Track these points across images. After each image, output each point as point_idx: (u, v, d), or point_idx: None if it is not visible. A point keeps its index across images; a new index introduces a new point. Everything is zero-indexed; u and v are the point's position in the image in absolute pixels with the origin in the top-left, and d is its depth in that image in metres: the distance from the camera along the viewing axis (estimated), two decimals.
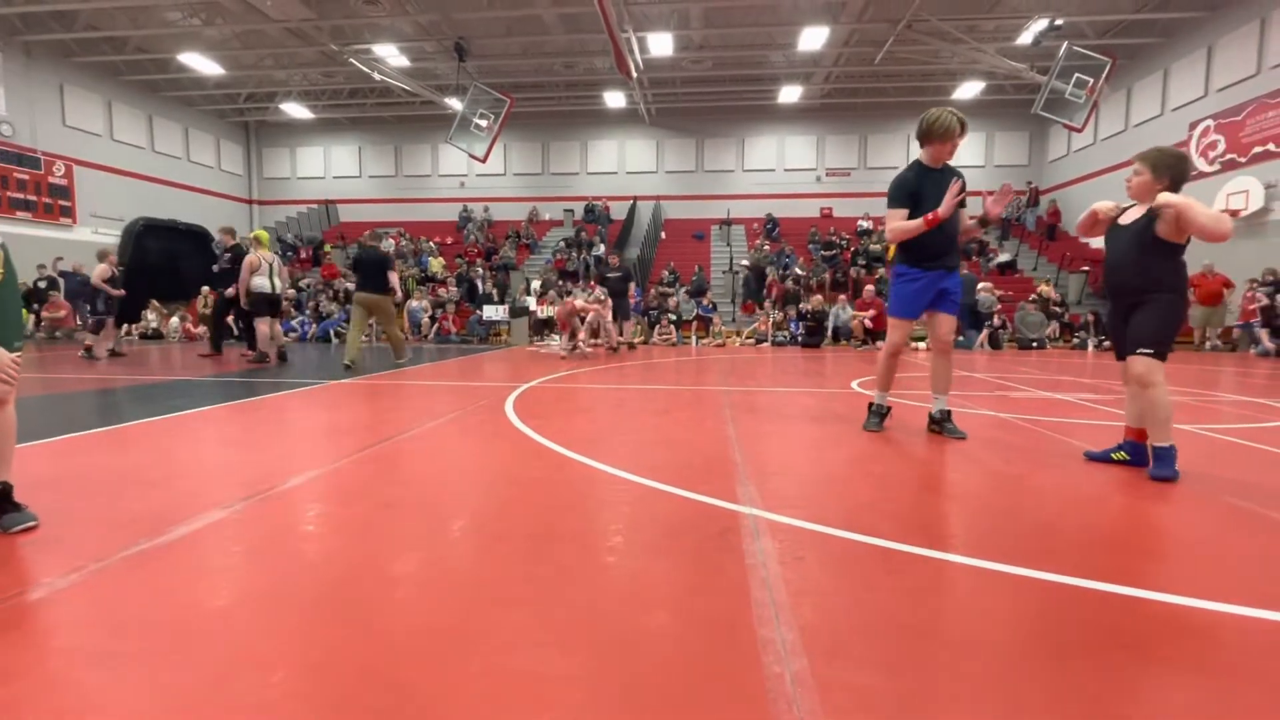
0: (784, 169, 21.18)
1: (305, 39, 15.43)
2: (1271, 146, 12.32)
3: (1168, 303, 2.79)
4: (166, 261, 9.82)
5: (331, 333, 13.90)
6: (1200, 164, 14.04)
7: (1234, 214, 12.91)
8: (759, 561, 1.79)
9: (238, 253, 8.77)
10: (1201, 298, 12.13)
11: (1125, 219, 2.95)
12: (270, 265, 8.23)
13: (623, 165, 21.87)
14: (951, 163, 3.60)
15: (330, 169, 22.97)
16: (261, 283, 8.12)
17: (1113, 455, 3.01)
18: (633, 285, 12.10)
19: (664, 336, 13.65)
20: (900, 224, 3.48)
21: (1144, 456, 2.92)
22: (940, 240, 3.50)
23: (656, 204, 21.19)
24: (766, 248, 18.40)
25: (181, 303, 14.17)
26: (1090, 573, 1.72)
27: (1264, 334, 10.85)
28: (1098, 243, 15.28)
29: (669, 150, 21.65)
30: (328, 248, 20.00)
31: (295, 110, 20.58)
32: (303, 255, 20.05)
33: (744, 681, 1.21)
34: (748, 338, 13.94)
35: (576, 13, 13.90)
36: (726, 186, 21.40)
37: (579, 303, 10.28)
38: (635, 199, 20.90)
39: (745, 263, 16.84)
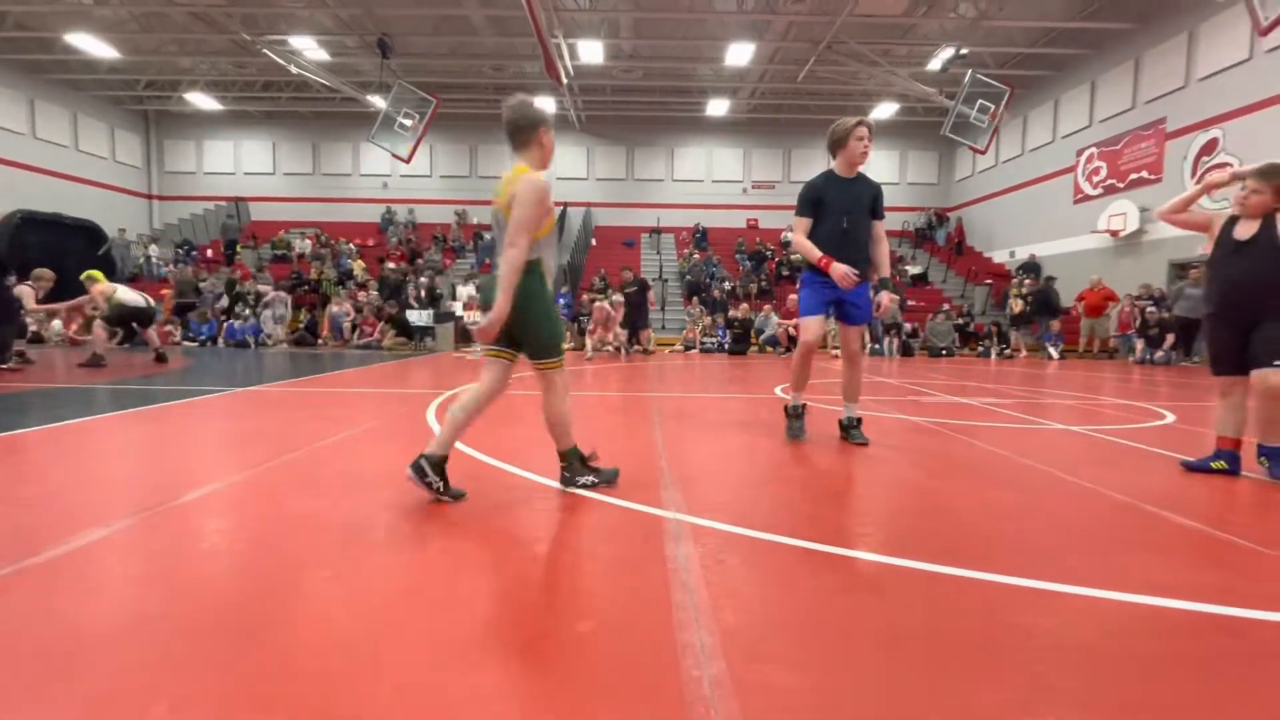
0: (712, 180, 21.63)
1: (214, 26, 14.52)
2: (1145, 174, 13.60)
3: None
4: (50, 258, 9.00)
5: (258, 338, 13.09)
6: (1086, 187, 15.34)
7: (1114, 234, 14.19)
8: (681, 566, 1.80)
9: None
10: (1088, 310, 13.22)
11: (1242, 234, 2.89)
12: (115, 289, 8.21)
13: (553, 171, 21.66)
14: (871, 177, 3.71)
15: (241, 164, 21.66)
16: (134, 298, 8.16)
17: (1211, 465, 3.02)
18: (650, 294, 12.97)
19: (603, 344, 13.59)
20: (802, 242, 3.59)
21: (1240, 465, 2.99)
22: (847, 251, 3.56)
23: (587, 210, 21.18)
24: (696, 256, 18.73)
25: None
26: (998, 568, 1.82)
27: (1139, 344, 11.93)
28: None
29: (599, 157, 21.69)
30: (240, 247, 18.85)
31: (202, 101, 19.35)
32: (209, 254, 18.82)
33: (662, 687, 1.21)
34: (677, 345, 14.10)
35: (505, 15, 13.74)
36: (656, 195, 21.64)
37: (608, 305, 11.53)
38: (565, 205, 20.81)
39: (688, 277, 17.28)
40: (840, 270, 3.45)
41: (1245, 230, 2.91)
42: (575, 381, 7.19)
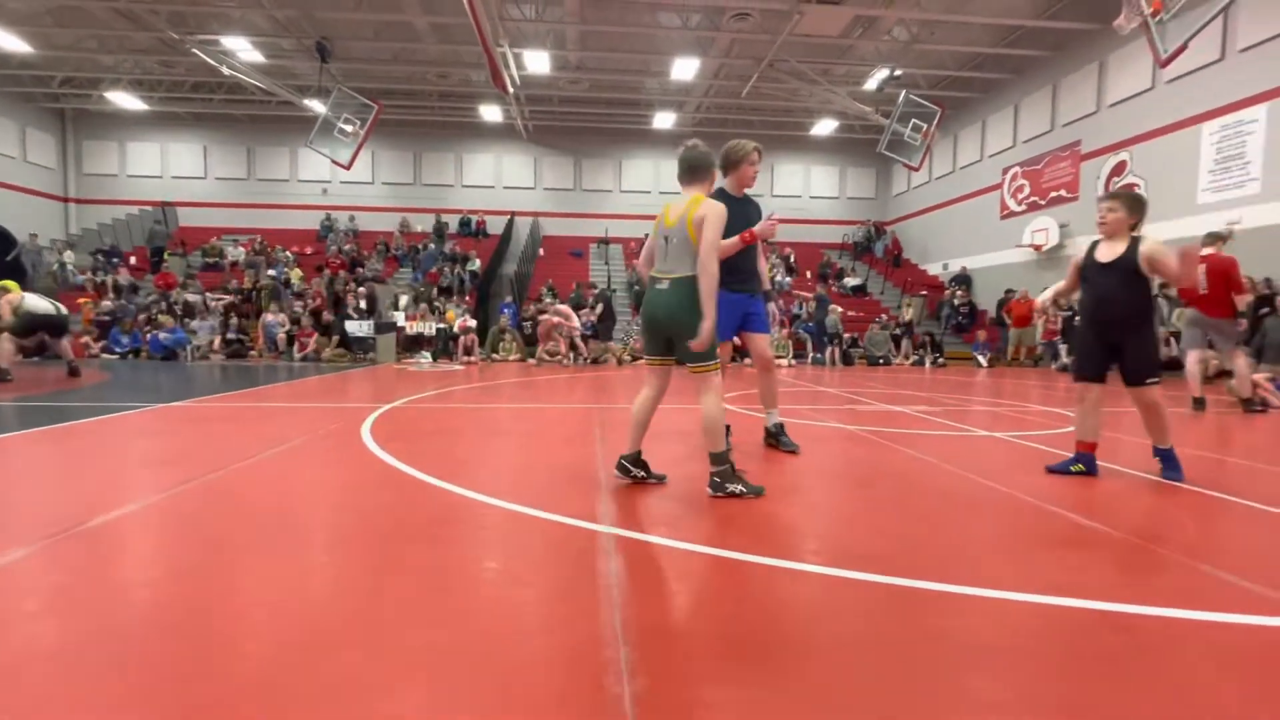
0: (659, 191, 21.84)
1: (138, 23, 13.84)
2: (1064, 192, 14.46)
3: (1151, 332, 3.12)
4: None
5: (186, 349, 12.43)
6: (1011, 204, 16.19)
7: (1037, 249, 15.01)
8: (611, 581, 1.81)
9: None
10: (1016, 321, 13.91)
11: (1104, 256, 3.10)
12: (23, 297, 7.77)
13: (500, 180, 21.56)
14: (808, 194, 3.85)
15: (169, 168, 20.65)
16: (45, 306, 7.79)
17: (1071, 469, 3.24)
18: (601, 306, 14.35)
19: (551, 354, 13.48)
20: (723, 242, 3.65)
21: (1096, 467, 3.24)
22: (748, 266, 3.75)
23: (534, 220, 21.06)
24: None
25: None
26: (918, 573, 1.90)
27: (1064, 349, 12.61)
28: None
29: (547, 167, 21.63)
30: (167, 255, 17.91)
31: (125, 100, 18.37)
32: (133, 261, 17.82)
33: (583, 707, 1.21)
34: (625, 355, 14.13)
35: (450, 23, 13.60)
36: (605, 206, 21.71)
37: (554, 318, 12.13)
38: (513, 214, 20.65)
39: (636, 288, 17.39)
40: (766, 225, 3.52)
41: (1107, 253, 3.14)
42: (524, 393, 7.13)
